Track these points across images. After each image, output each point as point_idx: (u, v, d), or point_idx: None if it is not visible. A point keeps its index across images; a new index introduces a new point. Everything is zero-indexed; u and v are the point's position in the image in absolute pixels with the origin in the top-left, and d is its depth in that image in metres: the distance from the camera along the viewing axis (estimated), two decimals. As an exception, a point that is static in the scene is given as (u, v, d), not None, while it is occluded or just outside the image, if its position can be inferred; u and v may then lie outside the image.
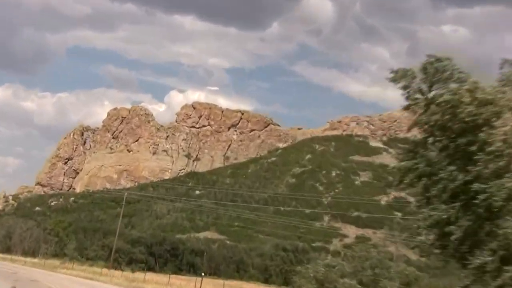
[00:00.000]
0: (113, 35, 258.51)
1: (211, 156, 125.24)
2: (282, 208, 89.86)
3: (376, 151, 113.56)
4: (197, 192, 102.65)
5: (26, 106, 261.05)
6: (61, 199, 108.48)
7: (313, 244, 71.91)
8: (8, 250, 56.77)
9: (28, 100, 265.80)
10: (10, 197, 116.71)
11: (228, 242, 73.56)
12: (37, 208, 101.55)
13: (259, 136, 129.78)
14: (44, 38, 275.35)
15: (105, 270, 40.54)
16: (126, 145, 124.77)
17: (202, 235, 77.10)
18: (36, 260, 49.55)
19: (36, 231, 58.45)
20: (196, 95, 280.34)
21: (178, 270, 55.25)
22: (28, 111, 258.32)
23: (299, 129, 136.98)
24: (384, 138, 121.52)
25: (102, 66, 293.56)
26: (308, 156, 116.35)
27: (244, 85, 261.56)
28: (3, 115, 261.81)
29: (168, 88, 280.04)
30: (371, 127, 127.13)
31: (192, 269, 55.32)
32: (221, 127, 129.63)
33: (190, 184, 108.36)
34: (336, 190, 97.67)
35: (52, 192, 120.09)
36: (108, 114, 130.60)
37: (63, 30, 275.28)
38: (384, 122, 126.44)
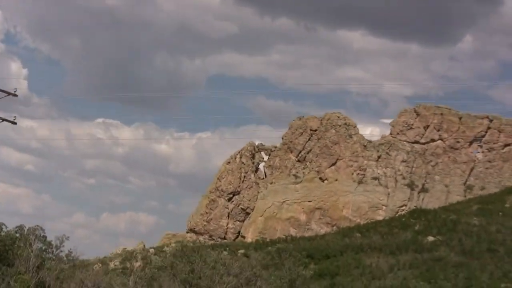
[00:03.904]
0: (265, 59, 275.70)
1: (446, 186, 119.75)
2: None
3: None
4: (430, 238, 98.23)
5: (160, 150, 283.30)
6: (225, 252, 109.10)
7: None
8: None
9: (162, 142, 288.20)
10: (152, 250, 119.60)
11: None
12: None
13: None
14: (181, 65, 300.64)
15: None
16: (318, 171, 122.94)
17: (450, 302, 72.27)
18: None
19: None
20: (368, 130, 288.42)
21: None
22: (162, 156, 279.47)
23: None
24: None
25: (251, 98, 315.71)
26: None
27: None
28: (134, 162, 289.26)
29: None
30: None
31: None
32: (458, 142, 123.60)
33: (417, 227, 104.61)
34: None
35: (212, 242, 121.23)
36: (290, 126, 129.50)
37: (203, 54, 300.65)
38: None
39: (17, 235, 51.70)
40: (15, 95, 40.50)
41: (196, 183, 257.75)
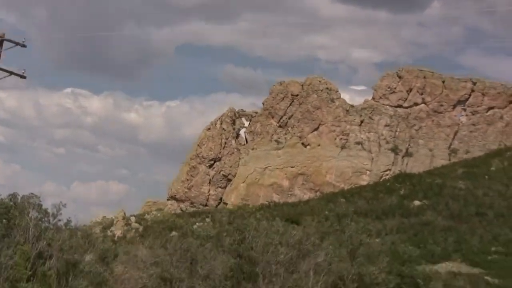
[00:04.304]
0: (233, 27, 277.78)
1: (430, 150, 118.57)
2: None
3: None
4: (417, 203, 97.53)
5: (130, 119, 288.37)
6: (207, 219, 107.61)
7: None
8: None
9: (131, 110, 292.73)
10: (133, 218, 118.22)
11: (488, 278, 67.14)
12: (173, 233, 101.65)
13: (501, 117, 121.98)
14: (149, 35, 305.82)
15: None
16: (300, 137, 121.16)
17: (441, 267, 71.09)
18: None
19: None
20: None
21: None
22: (132, 124, 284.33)
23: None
24: None
25: (220, 66, 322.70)
26: None
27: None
28: (103, 130, 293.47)
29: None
30: None
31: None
32: (442, 105, 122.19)
33: (402, 192, 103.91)
34: None
35: (194, 209, 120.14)
36: (271, 91, 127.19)
37: (171, 24, 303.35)
38: None
39: (11, 203, 48.86)
40: (24, 46, 38.43)
41: (165, 151, 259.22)
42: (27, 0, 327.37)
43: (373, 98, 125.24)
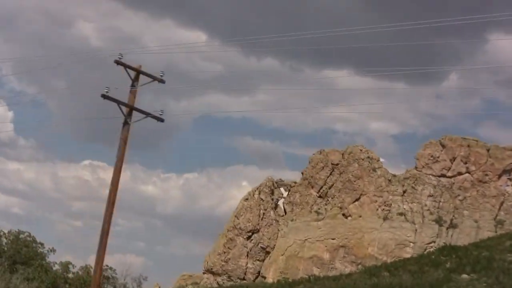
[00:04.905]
0: (251, 99, 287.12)
1: (475, 221, 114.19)
2: None
3: None
4: (465, 276, 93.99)
5: (147, 191, 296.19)
6: None
7: None
8: None
9: (149, 183, 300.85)
10: None
11: None
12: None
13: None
14: (166, 106, 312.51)
15: None
16: (340, 207, 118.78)
17: None
18: None
19: None
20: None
21: None
22: (149, 197, 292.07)
23: None
24: None
25: (237, 138, 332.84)
26: None
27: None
28: (121, 203, 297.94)
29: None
30: None
31: None
32: (487, 175, 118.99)
33: (448, 265, 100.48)
34: None
35: (231, 283, 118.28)
36: (311, 160, 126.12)
37: (189, 95, 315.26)
38: None
39: (87, 277, 47.59)
40: (162, 81, 37.06)
41: (183, 223, 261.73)
42: (46, 72, 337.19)
43: (416, 168, 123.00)
